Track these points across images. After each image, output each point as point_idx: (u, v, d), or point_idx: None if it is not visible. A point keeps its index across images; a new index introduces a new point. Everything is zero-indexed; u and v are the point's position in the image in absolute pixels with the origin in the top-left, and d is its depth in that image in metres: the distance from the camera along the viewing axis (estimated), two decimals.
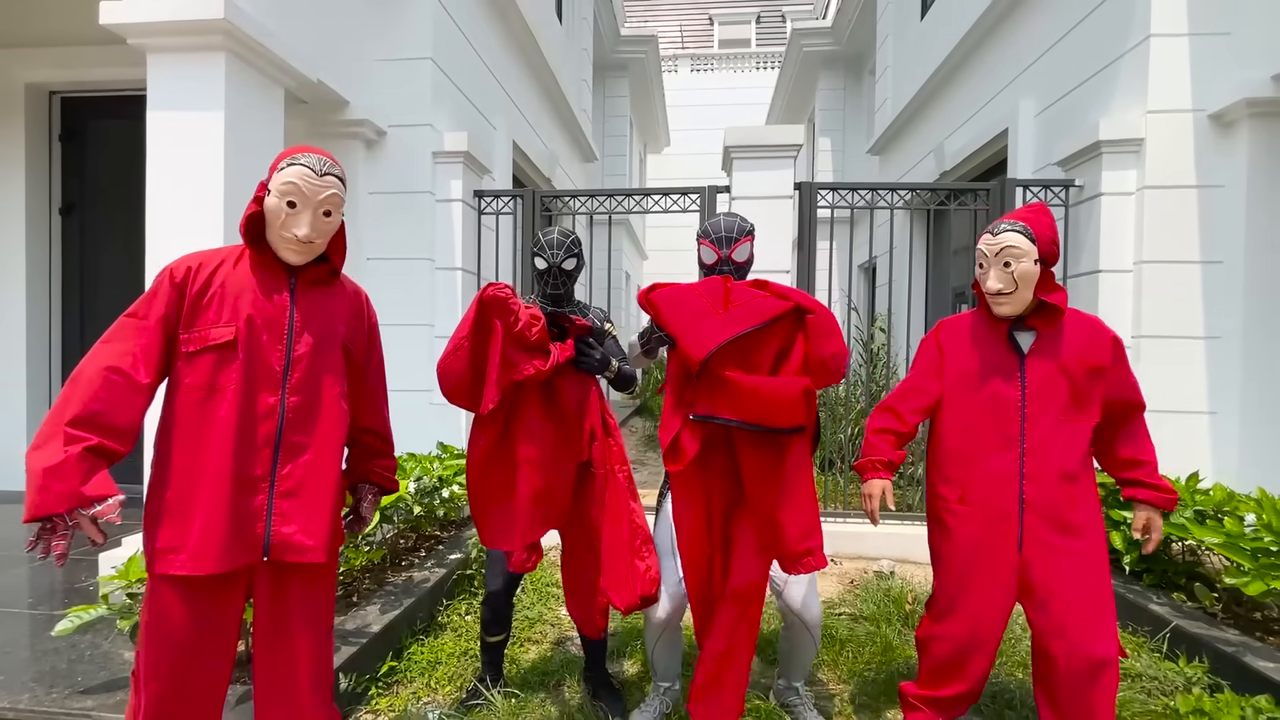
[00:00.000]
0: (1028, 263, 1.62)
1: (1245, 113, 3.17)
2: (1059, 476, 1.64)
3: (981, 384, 1.72)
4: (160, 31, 2.60)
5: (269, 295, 1.39)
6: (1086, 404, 1.65)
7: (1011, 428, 1.67)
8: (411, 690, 2.19)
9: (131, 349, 1.29)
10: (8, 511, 3.70)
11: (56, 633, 1.79)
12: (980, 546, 1.71)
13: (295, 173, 1.34)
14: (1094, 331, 1.69)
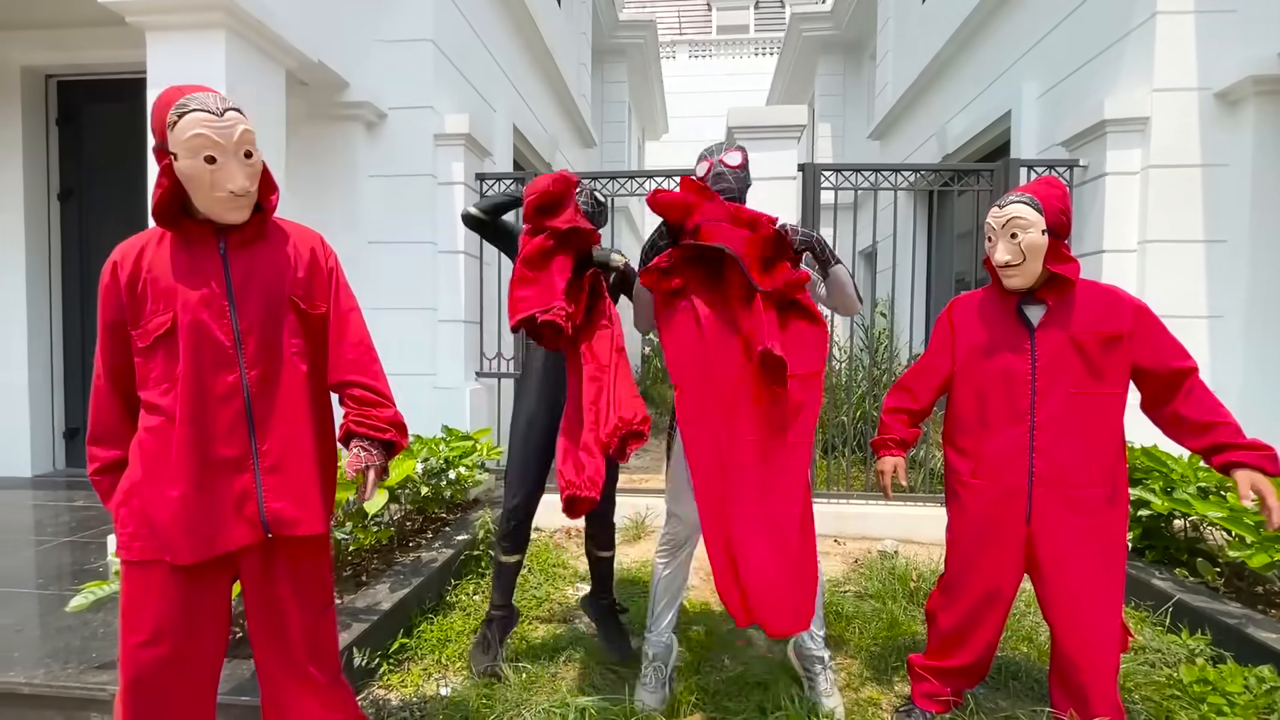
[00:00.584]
0: (1035, 233, 1.62)
1: (1251, 90, 3.16)
2: (1073, 451, 1.64)
3: (992, 358, 1.73)
4: (159, 9, 2.58)
5: (198, 269, 1.28)
6: (1105, 375, 1.63)
7: (1022, 401, 1.68)
8: (422, 666, 2.21)
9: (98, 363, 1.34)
10: (14, 497, 3.71)
11: (72, 608, 1.79)
12: (989, 519, 1.73)
13: (195, 120, 1.18)
14: (1111, 301, 1.66)
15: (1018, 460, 1.69)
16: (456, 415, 3.77)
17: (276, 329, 1.34)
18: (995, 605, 1.76)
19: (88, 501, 3.61)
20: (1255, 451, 1.53)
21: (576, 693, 2.01)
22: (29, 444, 4.15)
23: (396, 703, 2.01)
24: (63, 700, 1.75)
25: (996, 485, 1.72)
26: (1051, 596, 1.69)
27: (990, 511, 1.74)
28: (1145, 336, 1.63)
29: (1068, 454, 1.64)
